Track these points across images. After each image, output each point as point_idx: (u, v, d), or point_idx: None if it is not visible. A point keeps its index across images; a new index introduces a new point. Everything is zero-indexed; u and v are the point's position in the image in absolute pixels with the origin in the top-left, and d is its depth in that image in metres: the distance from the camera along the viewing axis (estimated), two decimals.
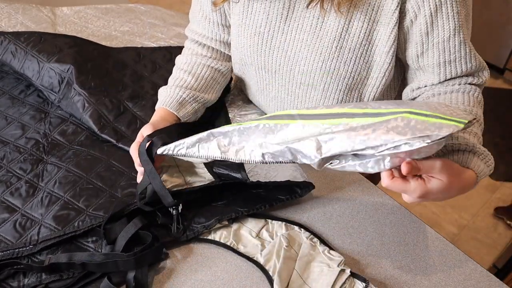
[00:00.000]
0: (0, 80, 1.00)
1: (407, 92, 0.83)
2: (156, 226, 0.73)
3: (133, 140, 0.85)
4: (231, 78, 1.01)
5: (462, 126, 0.54)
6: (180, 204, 0.72)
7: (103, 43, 1.12)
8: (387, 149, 0.55)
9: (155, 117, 0.82)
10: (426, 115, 0.55)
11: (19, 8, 1.22)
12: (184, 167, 0.80)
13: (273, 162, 0.63)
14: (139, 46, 1.14)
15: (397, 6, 0.68)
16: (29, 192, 0.77)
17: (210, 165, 0.77)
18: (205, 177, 0.78)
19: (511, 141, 2.33)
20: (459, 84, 0.76)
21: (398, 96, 0.89)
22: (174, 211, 0.72)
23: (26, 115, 0.92)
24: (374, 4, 0.69)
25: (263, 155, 0.62)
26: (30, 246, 0.69)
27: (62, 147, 0.86)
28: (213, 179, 0.77)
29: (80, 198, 0.76)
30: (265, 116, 0.64)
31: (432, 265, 0.72)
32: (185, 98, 0.84)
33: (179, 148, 0.68)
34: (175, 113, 0.83)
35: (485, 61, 0.79)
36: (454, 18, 0.69)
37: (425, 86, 0.78)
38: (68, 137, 0.88)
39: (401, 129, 0.54)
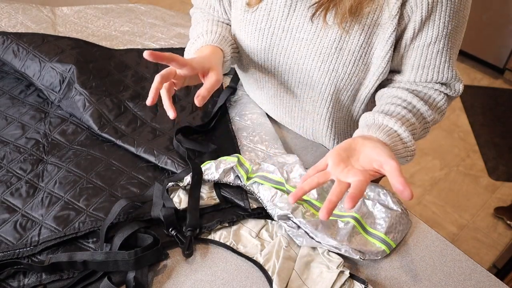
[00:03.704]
0: (0, 80, 1.00)
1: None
2: (156, 226, 0.73)
3: (133, 138, 0.85)
4: (238, 79, 1.01)
5: (388, 251, 0.72)
6: (198, 229, 0.72)
7: (103, 43, 1.12)
8: (331, 246, 0.69)
9: (203, 52, 0.77)
10: (366, 231, 0.72)
11: (19, 8, 1.22)
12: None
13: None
14: (139, 46, 1.14)
15: (397, 12, 0.68)
16: (29, 192, 0.77)
17: (219, 187, 0.77)
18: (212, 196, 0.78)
19: (511, 141, 2.33)
20: (433, 89, 0.78)
21: None
22: (189, 232, 0.71)
23: (26, 115, 0.92)
24: (376, 9, 0.69)
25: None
26: (31, 247, 0.69)
27: (62, 147, 0.86)
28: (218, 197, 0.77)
29: (80, 197, 0.76)
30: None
31: (432, 265, 0.72)
32: (224, 36, 0.83)
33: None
34: (221, 47, 0.81)
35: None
36: (439, 27, 0.70)
37: (401, 82, 0.80)
38: (68, 137, 0.88)
39: (344, 236, 0.70)
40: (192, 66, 0.69)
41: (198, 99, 0.67)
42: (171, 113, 0.68)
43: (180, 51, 1.12)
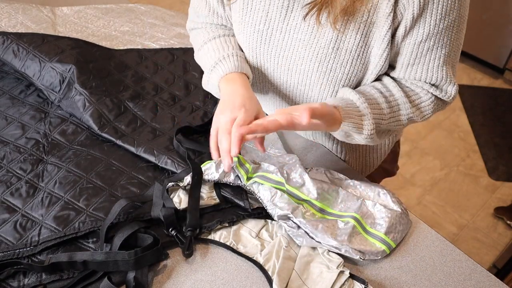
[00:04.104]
0: (0, 80, 1.00)
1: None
2: (156, 226, 0.73)
3: (133, 138, 0.85)
4: None
5: (388, 251, 0.72)
6: (198, 229, 0.72)
7: (103, 43, 1.12)
8: (331, 246, 0.69)
9: (233, 83, 0.78)
10: (366, 231, 0.72)
11: (19, 8, 1.22)
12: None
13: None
14: (139, 46, 1.14)
15: (391, 10, 0.68)
16: (29, 192, 0.77)
17: (219, 187, 0.77)
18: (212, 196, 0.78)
19: (511, 141, 2.33)
20: (422, 87, 0.78)
21: None
22: (189, 232, 0.71)
23: (26, 115, 0.92)
24: (371, 7, 0.70)
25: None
26: (31, 247, 0.69)
27: (62, 147, 0.86)
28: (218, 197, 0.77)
29: (80, 197, 0.76)
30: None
31: (432, 265, 0.72)
32: (241, 56, 0.83)
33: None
34: (245, 72, 0.81)
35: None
36: (430, 25, 0.69)
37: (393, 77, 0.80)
38: (68, 137, 0.88)
39: (345, 236, 0.70)
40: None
41: (260, 149, 0.74)
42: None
43: (180, 51, 1.12)
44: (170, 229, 0.71)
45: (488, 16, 2.54)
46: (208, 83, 0.85)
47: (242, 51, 0.86)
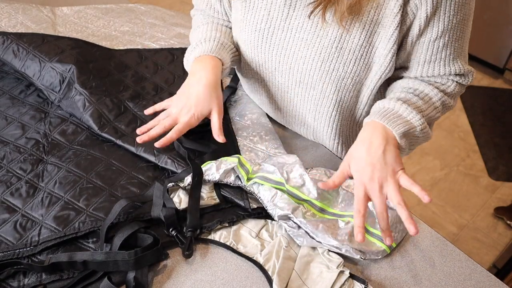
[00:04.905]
0: (0, 80, 1.00)
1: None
2: (156, 226, 0.73)
3: (133, 138, 0.85)
4: (238, 79, 1.01)
5: (388, 251, 0.72)
6: (198, 230, 0.72)
7: (103, 43, 1.12)
8: (332, 245, 0.69)
9: (208, 72, 0.80)
10: (366, 230, 0.72)
11: (19, 8, 1.22)
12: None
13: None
14: (139, 46, 1.14)
15: (399, 9, 0.68)
16: (29, 192, 0.77)
17: (219, 187, 0.77)
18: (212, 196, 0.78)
19: (511, 141, 2.33)
20: (440, 76, 0.78)
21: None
22: (189, 233, 0.71)
23: (26, 115, 0.92)
24: (377, 6, 0.69)
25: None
26: (31, 247, 0.69)
27: (62, 147, 0.86)
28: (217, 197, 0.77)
29: (80, 197, 0.76)
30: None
31: (432, 265, 0.72)
32: (223, 43, 0.84)
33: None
34: (220, 56, 0.82)
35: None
36: (444, 22, 0.70)
37: (408, 77, 0.80)
38: (68, 137, 0.88)
39: (345, 235, 0.70)
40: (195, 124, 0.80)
41: (220, 138, 0.79)
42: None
43: (180, 51, 1.12)
44: (171, 229, 0.71)
45: (488, 16, 2.54)
46: (187, 64, 0.87)
47: (235, 45, 0.88)
